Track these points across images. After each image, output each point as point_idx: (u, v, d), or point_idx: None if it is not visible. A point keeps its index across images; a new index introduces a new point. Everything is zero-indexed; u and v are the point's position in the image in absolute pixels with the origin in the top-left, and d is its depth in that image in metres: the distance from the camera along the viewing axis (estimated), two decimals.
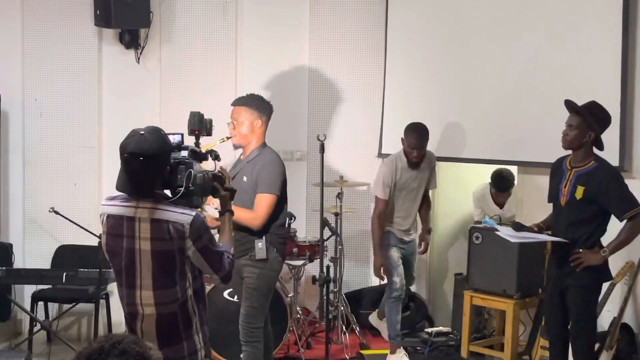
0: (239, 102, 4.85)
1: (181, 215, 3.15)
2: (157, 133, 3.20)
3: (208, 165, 3.49)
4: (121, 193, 3.24)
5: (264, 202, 4.62)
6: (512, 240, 4.80)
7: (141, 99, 6.72)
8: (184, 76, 6.71)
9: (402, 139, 5.74)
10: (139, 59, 6.68)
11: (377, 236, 5.77)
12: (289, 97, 6.85)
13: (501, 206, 6.88)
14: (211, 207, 4.51)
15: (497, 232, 5.03)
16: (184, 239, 3.14)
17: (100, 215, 3.30)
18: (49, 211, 6.00)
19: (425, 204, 6.06)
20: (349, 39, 6.80)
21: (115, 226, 3.21)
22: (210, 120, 3.94)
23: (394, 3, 6.67)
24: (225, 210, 3.48)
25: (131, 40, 6.61)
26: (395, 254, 5.83)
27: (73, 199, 6.57)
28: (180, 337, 3.22)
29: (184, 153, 3.32)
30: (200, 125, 3.84)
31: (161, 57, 6.72)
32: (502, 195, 6.85)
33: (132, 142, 3.13)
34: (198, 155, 3.39)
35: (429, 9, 6.51)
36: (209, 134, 3.90)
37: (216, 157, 3.55)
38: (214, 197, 3.49)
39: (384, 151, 6.71)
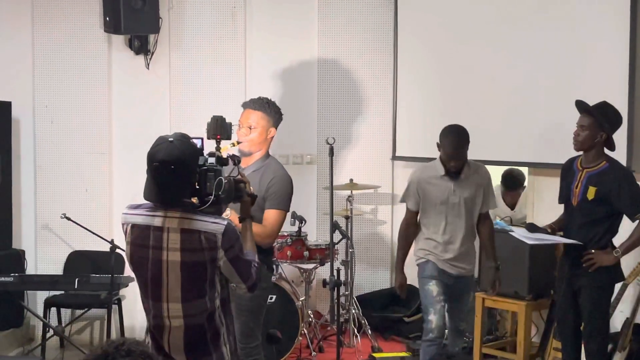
0: (256, 106, 4.49)
1: (213, 225, 3.06)
2: (186, 140, 3.13)
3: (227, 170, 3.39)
4: (146, 202, 3.16)
5: (276, 218, 4.29)
6: (528, 241, 4.77)
7: (151, 104, 6.74)
8: (194, 81, 6.73)
9: (437, 144, 4.87)
10: (148, 64, 6.70)
11: (400, 248, 5.01)
12: (298, 101, 6.87)
13: (512, 207, 6.87)
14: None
15: (512, 233, 5.01)
16: (216, 249, 3.06)
17: (123, 224, 3.20)
18: (61, 217, 6.03)
19: (486, 230, 4.96)
20: (358, 41, 6.81)
21: (141, 236, 3.12)
22: (231, 124, 3.78)
23: (403, 5, 6.67)
24: (246, 216, 3.39)
25: (141, 46, 6.63)
26: (433, 287, 4.81)
27: (84, 205, 6.59)
28: (209, 349, 3.15)
29: (211, 159, 3.20)
30: (222, 129, 3.67)
31: (171, 63, 6.74)
32: (511, 194, 6.85)
33: (162, 149, 3.05)
34: (220, 161, 3.26)
35: (438, 8, 6.50)
36: (228, 138, 3.74)
37: (238, 162, 3.43)
38: (235, 203, 3.38)
39: (398, 154, 6.71)
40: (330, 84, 6.83)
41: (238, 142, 4.35)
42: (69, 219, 6.00)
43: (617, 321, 5.20)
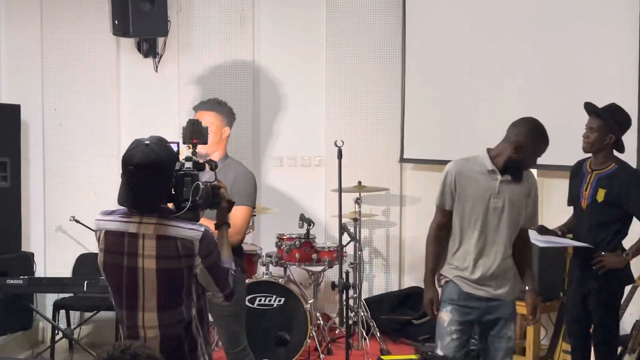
0: (207, 106, 4.44)
1: (190, 231, 2.96)
2: (162, 143, 3.04)
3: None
4: (120, 207, 3.09)
5: (243, 215, 4.16)
6: (539, 244, 4.75)
7: (160, 107, 6.75)
8: (202, 84, 6.74)
9: (510, 138, 4.04)
10: (157, 67, 6.72)
11: (430, 256, 4.07)
12: (306, 103, 6.89)
13: None
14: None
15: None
16: (193, 256, 2.96)
17: (96, 231, 3.10)
18: (70, 220, 6.04)
19: (524, 249, 4.09)
20: (366, 44, 6.81)
21: (115, 243, 3.02)
22: (207, 128, 3.56)
23: (411, 8, 6.67)
24: (223, 222, 3.26)
25: (149, 48, 6.65)
26: (446, 315, 3.96)
27: (93, 207, 6.55)
28: None
29: (188, 164, 3.12)
30: (198, 134, 3.46)
31: (179, 65, 6.75)
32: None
33: (138, 153, 2.95)
34: (197, 166, 3.18)
35: (446, 11, 6.50)
36: (205, 142, 3.53)
37: (215, 167, 3.35)
38: (212, 209, 3.27)
39: (406, 156, 6.70)
40: (338, 87, 6.83)
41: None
42: (77, 221, 6.01)
43: (626, 323, 5.17)
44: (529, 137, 3.98)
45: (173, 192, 3.06)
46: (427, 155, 6.62)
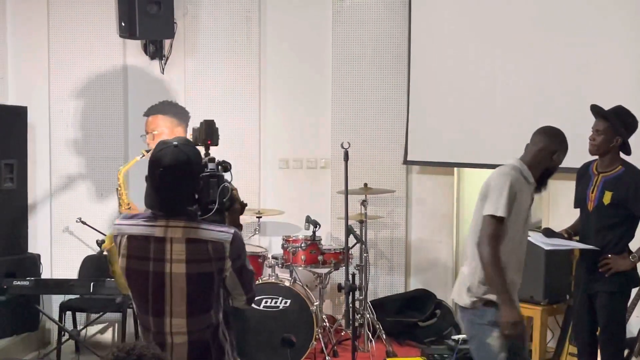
0: (153, 110, 4.33)
1: (220, 234, 2.90)
2: (190, 144, 2.99)
3: None
4: (141, 212, 3.04)
5: None
6: (545, 247, 4.74)
7: None
8: (208, 86, 6.75)
9: (549, 147, 3.95)
10: (163, 69, 6.73)
11: (499, 271, 3.74)
12: (312, 105, 6.89)
13: None
14: None
15: (529, 239, 4.99)
16: (224, 259, 2.90)
17: (116, 236, 2.98)
18: (76, 221, 6.05)
19: None
20: (371, 46, 6.81)
21: (140, 248, 2.92)
22: (218, 129, 3.47)
23: (416, 11, 6.66)
24: (236, 225, 3.13)
25: (156, 50, 6.67)
26: (497, 341, 3.76)
27: (99, 209, 6.62)
28: None
29: (211, 165, 3.07)
30: (214, 134, 3.38)
31: (185, 67, 6.77)
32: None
33: (167, 154, 2.88)
34: (223, 166, 3.14)
35: (451, 14, 6.50)
36: (217, 144, 3.44)
37: (230, 168, 3.23)
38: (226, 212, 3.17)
39: (409, 158, 6.70)
40: (344, 89, 6.83)
41: (148, 151, 4.07)
42: (84, 223, 6.03)
43: (633, 326, 5.16)
44: (563, 145, 3.97)
45: (196, 195, 3.00)
46: (432, 158, 6.62)
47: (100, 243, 5.33)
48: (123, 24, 6.28)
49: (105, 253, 3.88)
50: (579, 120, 5.02)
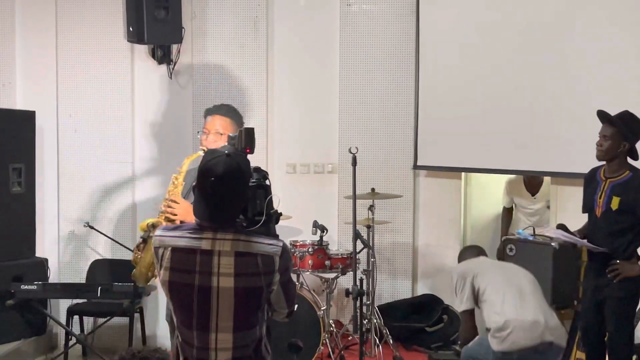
0: (226, 112, 4.29)
1: (269, 247, 2.82)
2: (240, 153, 2.92)
3: None
4: (184, 223, 2.94)
5: None
6: (562, 237, 4.75)
7: (174, 114, 6.78)
8: (216, 90, 6.75)
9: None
10: (171, 74, 6.74)
11: None
12: (320, 110, 6.89)
13: (533, 194, 6.75)
14: None
15: (546, 233, 5.01)
16: (273, 272, 2.82)
17: (158, 247, 2.88)
18: (84, 226, 6.07)
19: None
20: (380, 50, 6.80)
21: (184, 261, 2.82)
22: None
23: (425, 15, 6.66)
24: (274, 234, 3.01)
25: (163, 55, 6.68)
26: None
27: (107, 213, 6.64)
28: None
29: (256, 175, 2.97)
30: (253, 142, 3.22)
31: (193, 72, 6.78)
32: (535, 180, 6.69)
33: (220, 163, 2.79)
34: (265, 177, 3.04)
35: (460, 18, 6.49)
36: (253, 152, 3.27)
37: (268, 177, 3.09)
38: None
39: (419, 163, 6.69)
40: (352, 93, 6.83)
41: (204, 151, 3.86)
42: (92, 227, 6.05)
43: None
44: None
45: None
46: (440, 163, 6.61)
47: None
48: (131, 29, 6.29)
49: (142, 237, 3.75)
50: (586, 126, 5.02)
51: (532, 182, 6.76)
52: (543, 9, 5.95)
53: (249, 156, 3.10)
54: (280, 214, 3.12)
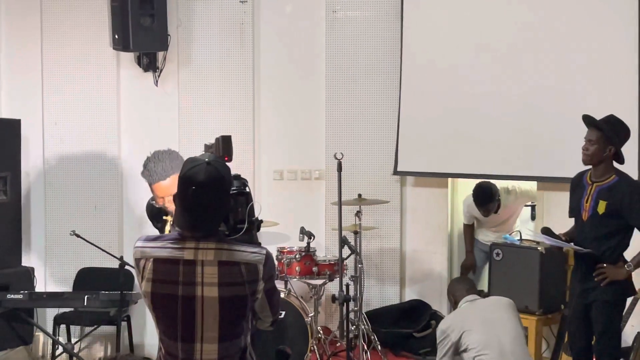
0: (162, 175, 3.80)
1: (253, 255, 2.78)
2: (221, 161, 2.86)
3: None
4: (165, 234, 2.93)
5: None
6: (547, 241, 4.77)
7: (160, 121, 6.76)
8: (202, 98, 6.75)
9: None
10: (157, 81, 6.73)
11: None
12: (306, 117, 6.89)
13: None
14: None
15: (530, 236, 5.02)
16: (257, 281, 2.78)
17: (139, 259, 2.83)
18: (70, 234, 6.02)
19: None
20: (365, 58, 6.81)
21: (167, 272, 2.77)
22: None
23: (408, 22, 6.66)
24: (256, 242, 3.00)
25: (149, 63, 6.66)
26: None
27: (93, 221, 6.61)
28: None
29: (237, 183, 2.92)
30: (230, 151, 3.18)
31: (179, 80, 6.77)
32: (483, 209, 6.55)
33: (201, 172, 2.74)
34: (245, 184, 2.99)
35: (443, 25, 6.51)
36: (231, 160, 3.23)
37: (247, 184, 3.04)
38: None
39: (400, 168, 6.69)
40: (338, 100, 6.83)
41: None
42: (78, 235, 6.00)
43: (628, 335, 5.17)
44: None
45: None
46: (424, 169, 6.60)
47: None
48: (117, 37, 6.29)
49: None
50: (572, 130, 5.04)
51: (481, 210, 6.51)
52: (529, 13, 5.98)
53: (238, 161, 3.07)
54: (261, 221, 3.09)
